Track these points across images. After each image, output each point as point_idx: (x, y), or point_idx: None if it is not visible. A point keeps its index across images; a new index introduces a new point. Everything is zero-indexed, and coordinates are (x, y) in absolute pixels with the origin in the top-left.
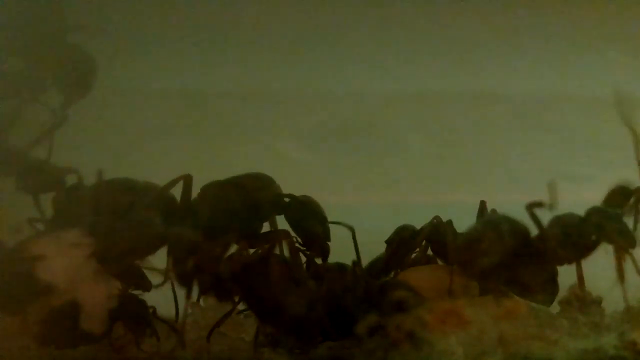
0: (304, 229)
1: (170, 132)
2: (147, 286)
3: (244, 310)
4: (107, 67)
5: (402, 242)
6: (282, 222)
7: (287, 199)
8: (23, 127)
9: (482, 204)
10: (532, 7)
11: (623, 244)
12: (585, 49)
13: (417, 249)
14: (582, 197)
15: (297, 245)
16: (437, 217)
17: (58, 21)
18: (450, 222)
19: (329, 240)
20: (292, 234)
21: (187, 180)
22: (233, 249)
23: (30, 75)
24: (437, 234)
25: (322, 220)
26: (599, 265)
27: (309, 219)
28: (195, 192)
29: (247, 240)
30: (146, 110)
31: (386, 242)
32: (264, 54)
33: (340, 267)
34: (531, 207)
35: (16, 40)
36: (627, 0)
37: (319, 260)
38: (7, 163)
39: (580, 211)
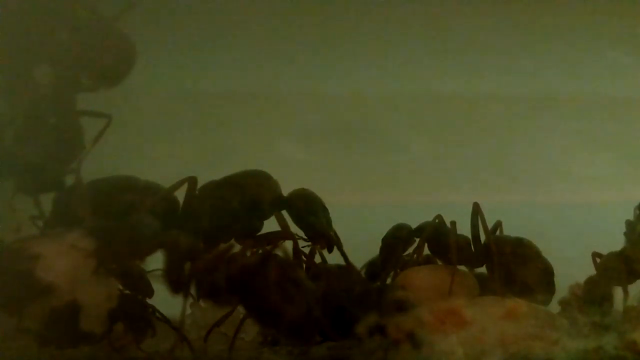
0: (307, 222)
1: (170, 133)
2: (148, 292)
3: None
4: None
5: (399, 241)
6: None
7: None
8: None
9: (475, 205)
10: (532, 7)
11: None
12: (585, 49)
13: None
14: (582, 197)
15: (301, 238)
16: (439, 217)
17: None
18: (453, 224)
19: (333, 231)
20: (293, 232)
21: (192, 182)
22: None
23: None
24: (437, 234)
25: (324, 211)
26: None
27: (311, 211)
28: None
29: (248, 240)
30: (146, 111)
31: (382, 240)
32: (264, 54)
33: (340, 267)
34: None
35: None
36: (628, 0)
37: (317, 260)
38: (7, 163)
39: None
